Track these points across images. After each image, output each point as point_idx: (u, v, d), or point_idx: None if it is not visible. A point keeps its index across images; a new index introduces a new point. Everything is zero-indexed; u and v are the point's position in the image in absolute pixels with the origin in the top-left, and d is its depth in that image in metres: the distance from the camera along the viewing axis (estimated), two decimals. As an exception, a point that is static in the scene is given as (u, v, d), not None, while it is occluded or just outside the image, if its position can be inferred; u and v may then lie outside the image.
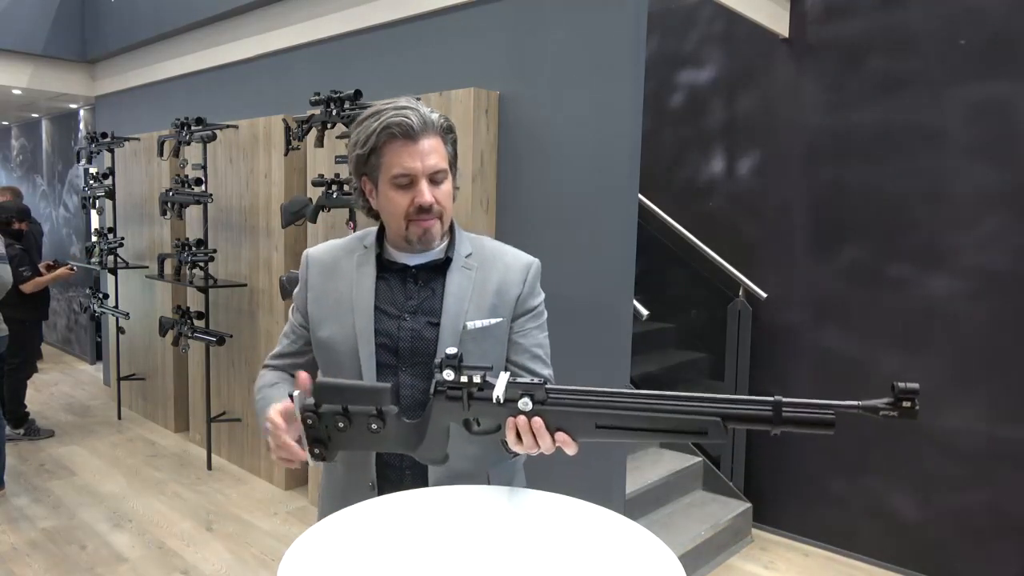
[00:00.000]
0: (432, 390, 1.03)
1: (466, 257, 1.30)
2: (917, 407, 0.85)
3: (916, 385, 0.84)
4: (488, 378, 1.01)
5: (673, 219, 3.94)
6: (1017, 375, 2.91)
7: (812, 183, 3.47)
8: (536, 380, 1.01)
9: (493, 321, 1.27)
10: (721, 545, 3.35)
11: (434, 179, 1.22)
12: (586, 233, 2.72)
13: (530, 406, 0.98)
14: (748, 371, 3.66)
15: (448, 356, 1.01)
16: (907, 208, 3.17)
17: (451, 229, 1.32)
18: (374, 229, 1.34)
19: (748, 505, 3.57)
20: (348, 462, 1.32)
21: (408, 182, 1.21)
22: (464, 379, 1.01)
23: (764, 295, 3.59)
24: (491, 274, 1.30)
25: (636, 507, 3.20)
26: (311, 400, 1.06)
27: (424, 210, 1.21)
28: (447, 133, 1.25)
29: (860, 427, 3.33)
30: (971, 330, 3.02)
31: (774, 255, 3.63)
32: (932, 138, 3.09)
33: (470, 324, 1.24)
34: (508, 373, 1.01)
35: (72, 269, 4.89)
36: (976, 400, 3.00)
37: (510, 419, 1.00)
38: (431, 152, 1.21)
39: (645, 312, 3.55)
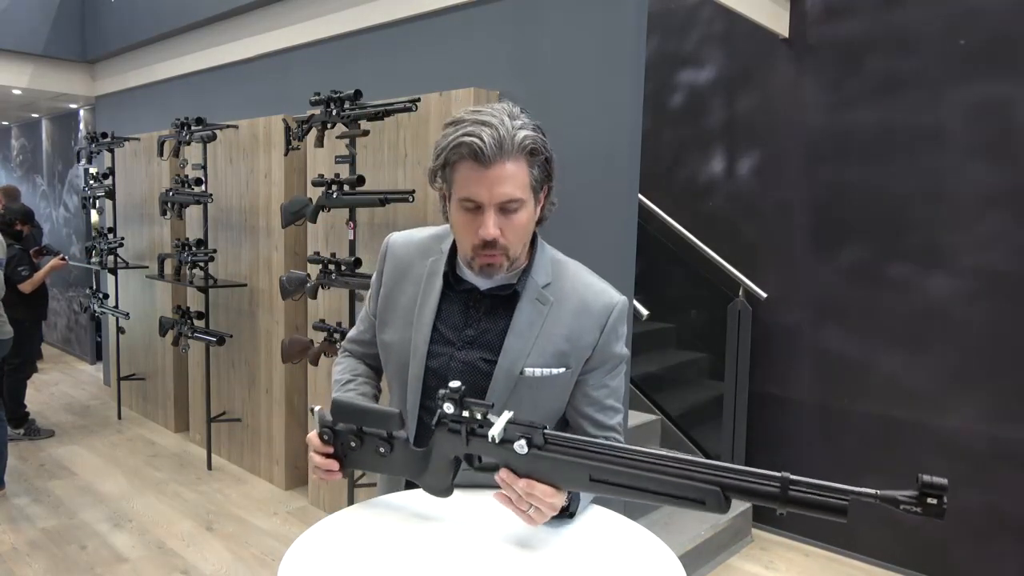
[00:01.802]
0: (435, 421, 1.02)
1: (542, 288, 1.18)
2: (944, 505, 0.76)
3: (944, 480, 0.76)
4: (490, 416, 0.98)
5: (673, 219, 3.94)
6: (1017, 375, 2.91)
7: (812, 183, 3.47)
8: (537, 424, 0.97)
9: (555, 372, 1.16)
10: (721, 545, 3.34)
11: (505, 208, 1.08)
12: (586, 233, 2.72)
13: (526, 449, 0.95)
14: (748, 371, 3.66)
15: (452, 389, 0.99)
16: (907, 208, 3.17)
17: (532, 249, 1.21)
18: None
19: (748, 505, 3.56)
20: None
21: (475, 207, 1.09)
22: (466, 414, 0.99)
23: (764, 295, 3.59)
24: (565, 314, 1.17)
25: (636, 507, 3.19)
26: (329, 417, 1.10)
27: (487, 243, 1.09)
28: (533, 155, 1.09)
29: (860, 427, 3.33)
30: (971, 330, 3.02)
31: (774, 255, 3.63)
32: (932, 138, 3.09)
33: (528, 371, 1.14)
34: (511, 413, 0.98)
35: (64, 259, 4.88)
36: (976, 400, 3.01)
37: (500, 475, 0.98)
38: (505, 180, 1.06)
39: (645, 312, 3.55)
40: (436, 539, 1.04)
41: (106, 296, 5.20)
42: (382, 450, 1.07)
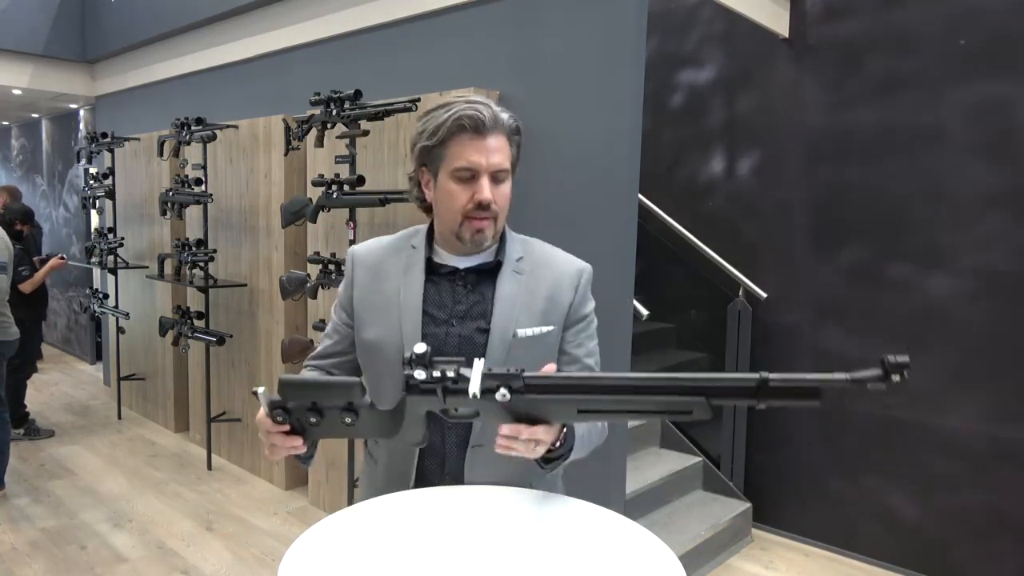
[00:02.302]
0: (403, 386, 1.00)
1: (517, 261, 1.28)
2: (906, 378, 0.81)
3: (906, 358, 0.80)
4: (462, 370, 0.98)
5: (673, 219, 3.94)
6: (1017, 375, 2.91)
7: (812, 183, 3.47)
8: (512, 369, 0.97)
9: (544, 329, 1.24)
10: (721, 545, 3.34)
11: (495, 178, 1.20)
12: (586, 233, 2.72)
13: (508, 397, 0.96)
14: (748, 371, 3.65)
15: (418, 355, 0.98)
16: (907, 208, 3.17)
17: (502, 230, 1.30)
18: (422, 228, 1.31)
19: (748, 505, 3.57)
20: (389, 460, 1.30)
21: (470, 176, 1.18)
22: (437, 374, 0.98)
23: (764, 295, 3.59)
24: (542, 280, 1.27)
25: (636, 507, 3.19)
26: (277, 397, 1.04)
27: (482, 207, 1.19)
28: (514, 134, 1.23)
29: (860, 427, 3.33)
30: (971, 330, 3.02)
31: (774, 255, 3.62)
32: (932, 138, 3.09)
33: (520, 332, 1.21)
34: (482, 362, 0.97)
35: (63, 259, 4.88)
36: (976, 400, 3.00)
37: (501, 432, 0.99)
38: (497, 150, 1.19)
39: (645, 312, 3.55)
40: (436, 539, 1.04)
41: (106, 296, 5.20)
42: (348, 420, 1.02)
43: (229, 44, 4.57)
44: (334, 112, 3.09)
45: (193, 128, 4.06)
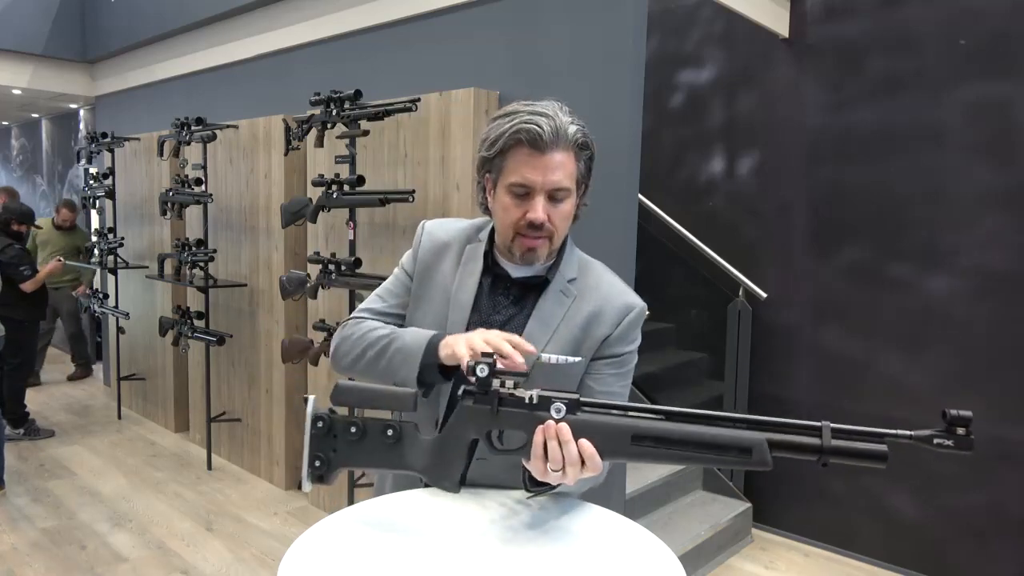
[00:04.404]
0: (460, 392, 0.98)
1: (568, 282, 1.22)
2: (972, 435, 0.80)
3: (969, 413, 0.79)
4: (520, 389, 0.96)
5: (673, 219, 3.94)
6: (1017, 375, 2.91)
7: (812, 183, 3.47)
8: (570, 390, 0.96)
9: (571, 360, 1.10)
10: (721, 545, 3.34)
11: (553, 196, 1.13)
12: (586, 233, 2.71)
13: (563, 412, 0.93)
14: (748, 371, 3.66)
15: (485, 354, 0.97)
16: (907, 208, 3.17)
17: (562, 245, 1.24)
18: (492, 221, 1.27)
19: (748, 505, 3.57)
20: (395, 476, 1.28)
21: (524, 193, 1.13)
22: (496, 383, 0.96)
23: (764, 295, 3.59)
24: (585, 306, 1.20)
25: (636, 507, 3.20)
26: (323, 409, 1.00)
27: (534, 227, 1.13)
28: (582, 149, 1.16)
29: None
30: (971, 330, 3.02)
31: (774, 255, 3.62)
32: (932, 138, 3.09)
33: (544, 357, 1.09)
34: (539, 389, 0.96)
35: (60, 261, 4.87)
36: (976, 400, 3.00)
37: (539, 427, 0.94)
38: (557, 168, 1.12)
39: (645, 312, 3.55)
40: (436, 539, 1.04)
41: (106, 296, 5.20)
42: (390, 433, 0.98)
43: (229, 44, 4.57)
44: (334, 112, 3.09)
45: (193, 128, 4.06)
